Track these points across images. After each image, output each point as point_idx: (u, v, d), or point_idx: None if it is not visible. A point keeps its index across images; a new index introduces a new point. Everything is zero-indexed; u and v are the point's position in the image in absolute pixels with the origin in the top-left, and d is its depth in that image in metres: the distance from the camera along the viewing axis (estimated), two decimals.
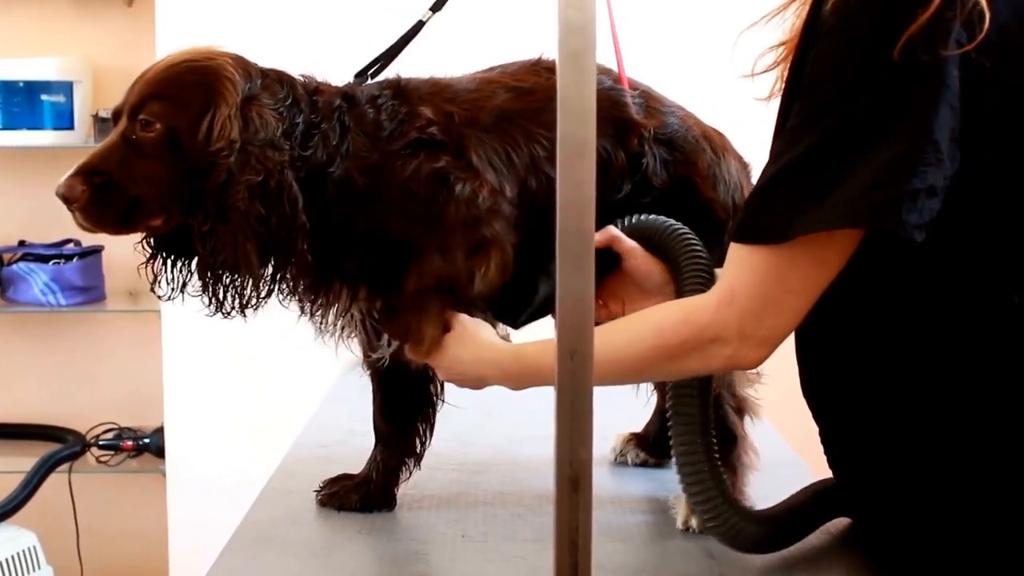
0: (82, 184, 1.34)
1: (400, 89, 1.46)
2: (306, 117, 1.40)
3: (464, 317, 1.42)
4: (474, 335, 1.41)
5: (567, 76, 0.82)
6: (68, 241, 3.47)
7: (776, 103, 1.34)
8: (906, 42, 1.12)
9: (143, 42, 3.09)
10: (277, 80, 1.42)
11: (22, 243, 3.47)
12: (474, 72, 1.53)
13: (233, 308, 1.39)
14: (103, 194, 1.34)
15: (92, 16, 3.40)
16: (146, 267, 1.47)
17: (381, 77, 1.53)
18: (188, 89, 1.36)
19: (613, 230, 1.44)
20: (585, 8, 0.83)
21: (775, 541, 1.39)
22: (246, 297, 1.37)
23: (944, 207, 1.16)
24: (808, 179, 1.17)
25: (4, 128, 3.33)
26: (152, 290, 1.47)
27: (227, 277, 1.35)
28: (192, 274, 1.44)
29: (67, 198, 1.35)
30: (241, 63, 1.40)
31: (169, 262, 1.46)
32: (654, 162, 1.49)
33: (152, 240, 1.46)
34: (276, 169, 1.34)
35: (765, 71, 1.37)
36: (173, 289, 1.46)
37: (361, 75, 1.54)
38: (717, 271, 1.35)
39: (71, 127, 3.31)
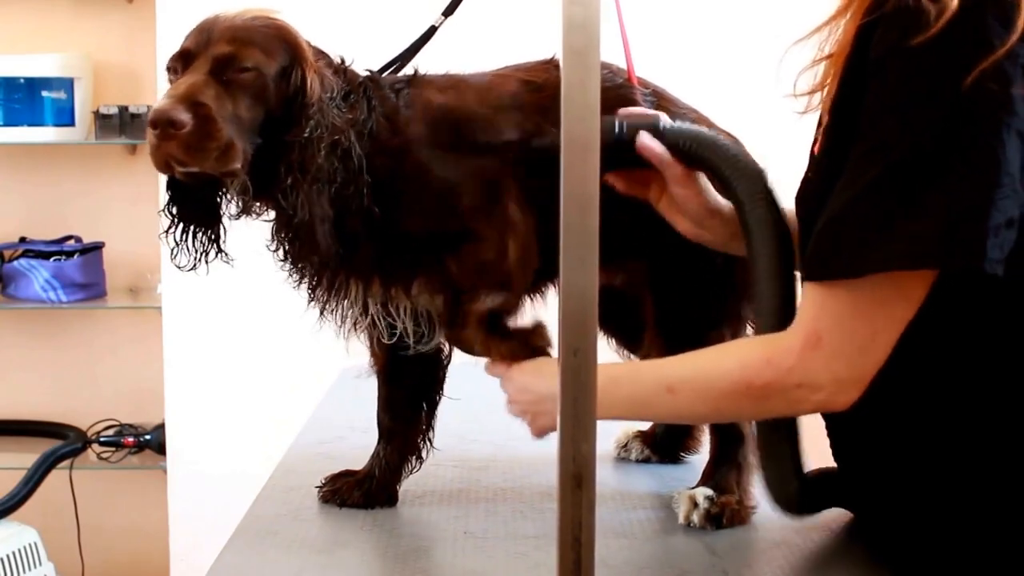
0: (188, 112, 1.28)
1: (418, 81, 1.48)
2: (344, 89, 1.42)
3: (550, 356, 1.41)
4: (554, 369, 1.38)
5: (571, 72, 0.82)
6: (69, 238, 3.48)
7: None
8: (978, 74, 1.11)
9: (144, 39, 3.09)
10: (320, 52, 1.44)
11: (23, 240, 3.48)
12: (491, 70, 1.54)
13: (303, 261, 1.40)
14: (207, 126, 1.29)
15: (93, 12, 3.40)
16: (166, 236, 1.45)
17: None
18: (271, 41, 1.37)
19: (664, 154, 1.38)
20: (588, 5, 0.83)
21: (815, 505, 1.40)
22: (317, 250, 1.37)
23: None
24: (880, 213, 1.14)
25: (5, 124, 3.33)
26: (172, 259, 1.45)
27: (303, 231, 1.35)
28: (213, 243, 1.44)
29: (172, 122, 1.27)
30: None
31: (190, 231, 1.45)
32: None
33: (173, 208, 1.45)
34: (345, 128, 1.37)
35: (810, 91, 1.32)
36: (195, 259, 1.45)
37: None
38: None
39: (72, 123, 3.31)
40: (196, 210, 1.44)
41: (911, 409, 1.28)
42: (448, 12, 1.56)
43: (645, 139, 1.38)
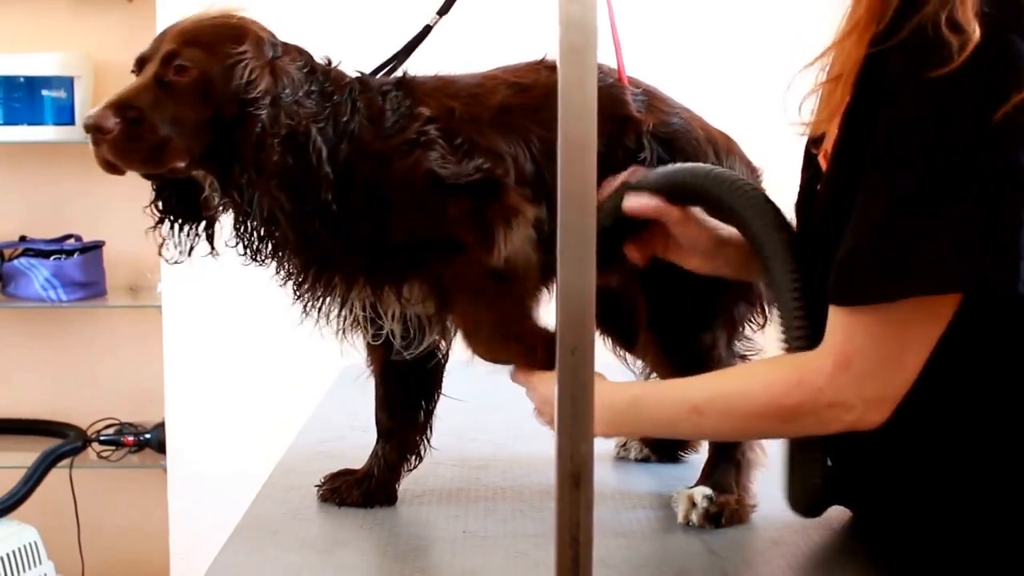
0: (116, 116, 1.34)
1: (406, 84, 1.47)
2: (321, 87, 1.42)
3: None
4: None
5: (568, 71, 0.82)
6: (69, 236, 3.47)
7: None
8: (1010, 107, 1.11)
9: (144, 37, 3.03)
10: (296, 50, 1.45)
11: (23, 238, 3.48)
12: (482, 71, 1.54)
13: (267, 256, 1.42)
14: (135, 129, 1.34)
15: (93, 11, 3.40)
16: (154, 231, 1.48)
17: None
18: (221, 40, 1.39)
19: (657, 204, 1.39)
20: (585, 3, 0.83)
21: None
22: (280, 243, 1.39)
23: None
24: (910, 237, 1.14)
25: (5, 123, 3.33)
26: (159, 253, 1.48)
27: (262, 226, 1.38)
28: (199, 237, 1.47)
29: (99, 128, 1.33)
30: (265, 27, 1.45)
31: (177, 226, 1.48)
32: (652, 159, 1.48)
33: (160, 204, 1.48)
34: (303, 122, 1.37)
35: (814, 116, 1.31)
36: (181, 253, 1.48)
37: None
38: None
39: (72, 122, 3.31)
40: (177, 206, 1.47)
41: (914, 412, 1.28)
42: (443, 11, 1.56)
43: (631, 201, 1.40)
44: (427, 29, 1.57)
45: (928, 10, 1.13)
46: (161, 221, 1.48)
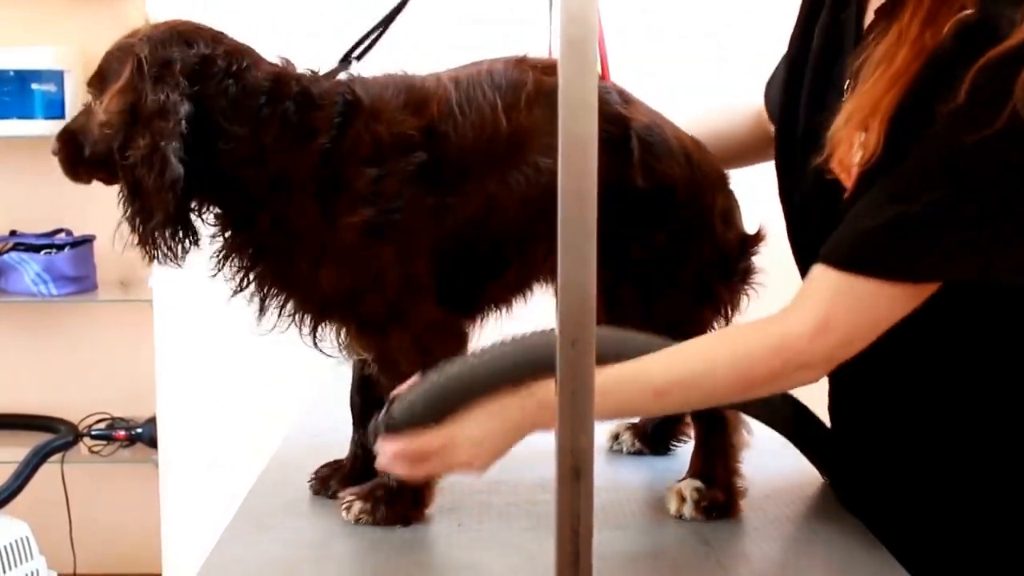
0: (57, 141, 1.52)
1: (350, 105, 1.44)
2: (236, 95, 1.43)
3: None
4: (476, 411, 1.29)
5: (569, 65, 0.82)
6: (59, 231, 3.47)
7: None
8: None
9: None
10: (223, 54, 1.45)
11: (13, 233, 3.47)
12: (452, 71, 1.50)
13: (166, 256, 1.50)
14: (69, 149, 1.51)
15: (83, 5, 3.40)
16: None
17: (377, 63, 1.52)
18: (111, 65, 1.48)
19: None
20: None
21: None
22: (169, 247, 1.49)
23: None
24: (945, 225, 1.19)
25: None
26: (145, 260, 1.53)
27: (146, 230, 1.48)
28: (192, 242, 1.51)
29: (53, 152, 1.52)
30: (169, 38, 1.46)
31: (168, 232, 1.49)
32: (637, 155, 1.45)
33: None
34: (157, 140, 1.41)
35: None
36: (169, 258, 1.51)
37: (346, 59, 1.53)
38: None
39: (62, 116, 3.30)
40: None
41: (917, 401, 1.30)
42: None
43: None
44: (403, 3, 1.55)
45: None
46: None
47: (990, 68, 1.17)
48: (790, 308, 1.26)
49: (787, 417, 1.46)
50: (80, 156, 1.50)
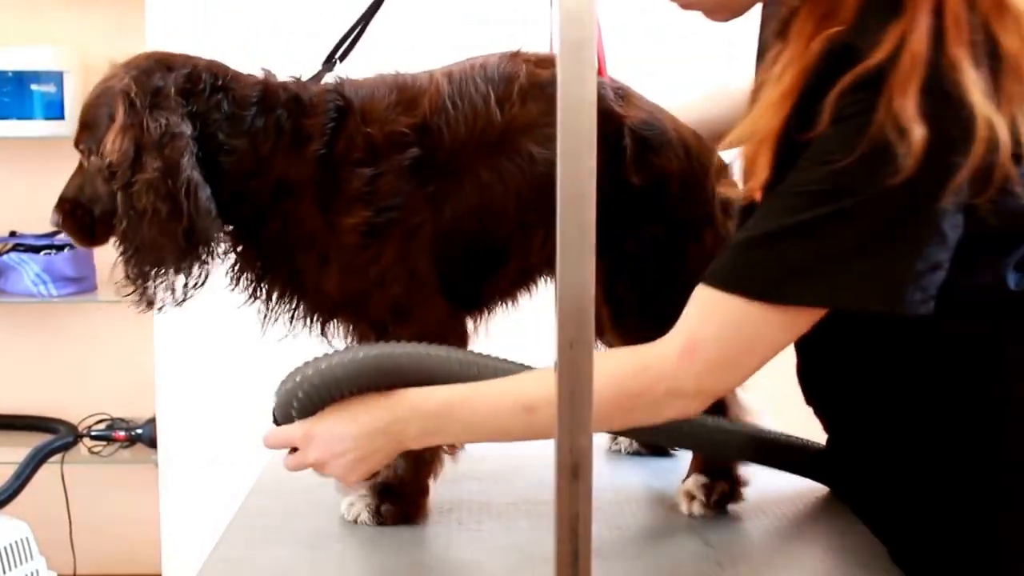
0: (57, 213, 1.48)
1: (341, 109, 1.44)
2: (230, 108, 1.42)
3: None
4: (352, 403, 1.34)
5: (568, 65, 0.82)
6: (59, 232, 3.46)
7: None
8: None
9: (133, 32, 3.07)
10: (205, 70, 1.43)
11: (13, 234, 3.46)
12: (446, 67, 1.49)
13: (164, 301, 1.51)
14: (73, 217, 1.48)
15: (82, 5, 3.39)
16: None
17: (377, 64, 1.52)
18: (97, 113, 1.44)
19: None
20: None
21: None
22: (174, 290, 1.50)
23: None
24: (814, 249, 1.16)
25: None
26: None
27: (151, 272, 1.48)
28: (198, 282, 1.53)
29: (55, 225, 1.50)
30: (149, 67, 1.42)
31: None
32: (631, 153, 1.46)
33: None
34: (172, 161, 1.38)
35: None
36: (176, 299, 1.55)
37: (329, 61, 1.54)
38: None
39: (61, 117, 3.30)
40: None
41: (915, 402, 1.30)
42: None
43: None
44: (379, 2, 1.55)
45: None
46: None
47: (849, 92, 1.14)
48: (669, 333, 1.23)
49: (743, 446, 1.46)
50: (89, 219, 1.46)
